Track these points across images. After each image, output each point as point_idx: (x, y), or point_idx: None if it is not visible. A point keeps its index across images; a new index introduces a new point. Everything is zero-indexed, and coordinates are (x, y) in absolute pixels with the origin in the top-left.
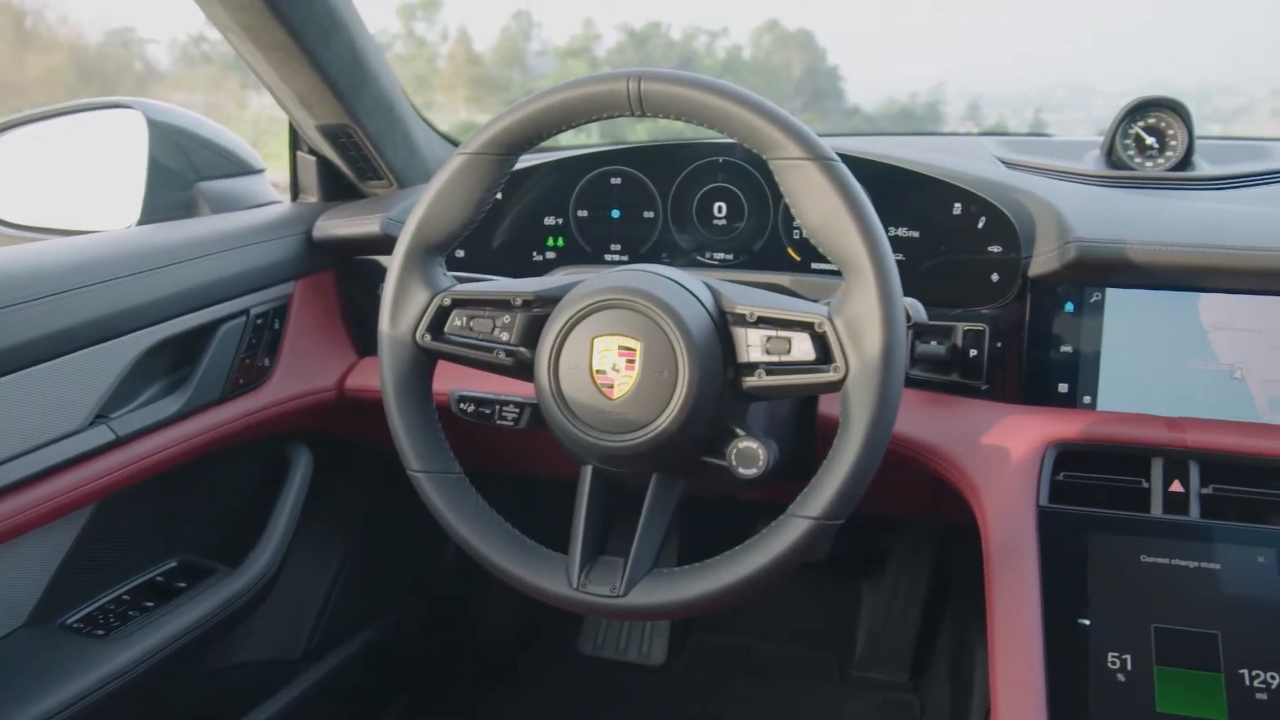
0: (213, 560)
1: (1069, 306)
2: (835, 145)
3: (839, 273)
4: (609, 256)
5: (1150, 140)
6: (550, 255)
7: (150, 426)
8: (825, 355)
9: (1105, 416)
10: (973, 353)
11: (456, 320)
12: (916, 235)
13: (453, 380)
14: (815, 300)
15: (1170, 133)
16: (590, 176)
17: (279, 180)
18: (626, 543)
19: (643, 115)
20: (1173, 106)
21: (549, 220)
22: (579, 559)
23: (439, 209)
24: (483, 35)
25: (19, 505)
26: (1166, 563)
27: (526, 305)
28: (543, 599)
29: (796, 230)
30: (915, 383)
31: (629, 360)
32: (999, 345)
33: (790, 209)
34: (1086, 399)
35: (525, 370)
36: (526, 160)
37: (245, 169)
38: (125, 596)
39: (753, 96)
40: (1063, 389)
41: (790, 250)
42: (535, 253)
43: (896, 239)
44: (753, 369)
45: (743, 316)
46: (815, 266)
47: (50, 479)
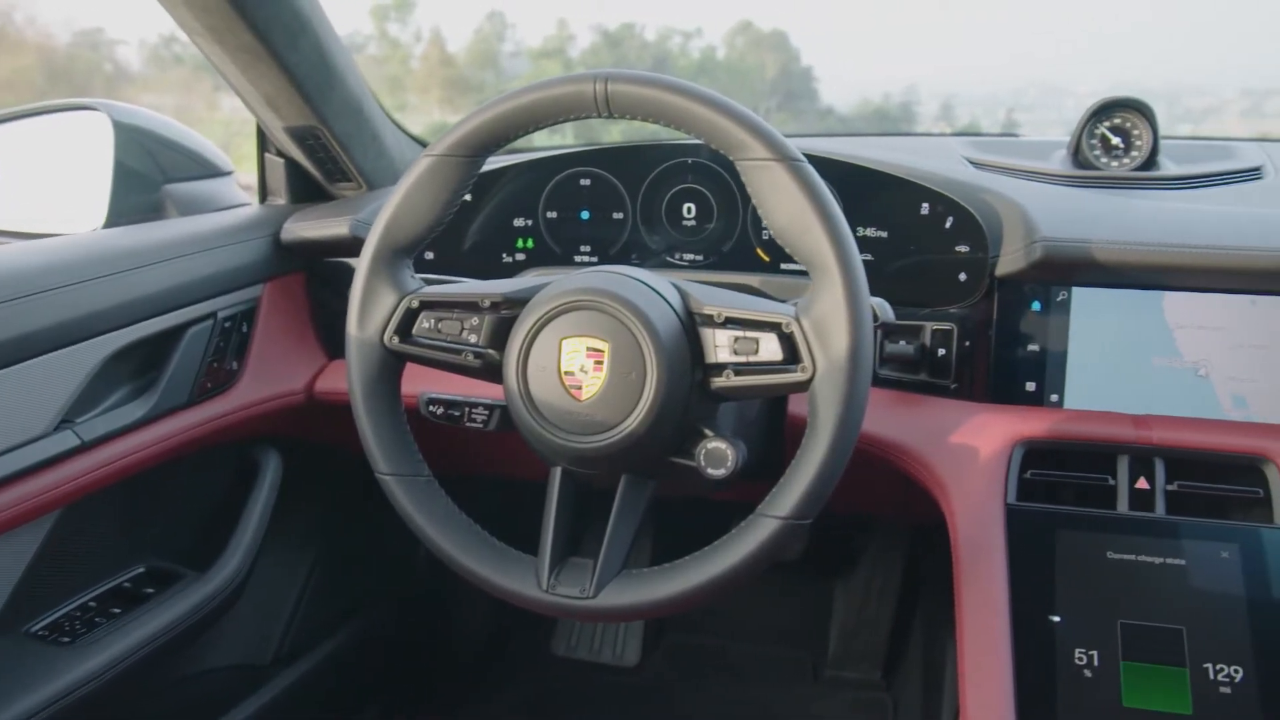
0: (181, 565)
1: (1036, 305)
2: (805, 146)
3: (807, 273)
4: (579, 258)
5: (1116, 140)
6: (520, 257)
7: (116, 431)
8: (793, 355)
9: (1072, 414)
10: (941, 352)
11: (425, 322)
12: (885, 235)
13: (422, 382)
14: (784, 301)
15: (1136, 133)
16: (559, 178)
17: (251, 182)
18: (598, 544)
19: (610, 116)
20: (1138, 107)
21: (518, 222)
22: (548, 561)
23: (406, 211)
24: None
25: None
26: (1133, 559)
27: (495, 307)
28: (512, 601)
29: (765, 231)
30: (884, 382)
31: (597, 362)
32: (967, 344)
33: (757, 209)
34: (1054, 397)
35: (494, 372)
36: (496, 162)
37: (213, 171)
38: (92, 603)
39: (719, 98)
40: (1030, 387)
41: (759, 251)
42: (505, 254)
43: (865, 239)
44: (721, 369)
45: (710, 317)
46: (784, 267)
47: (14, 485)
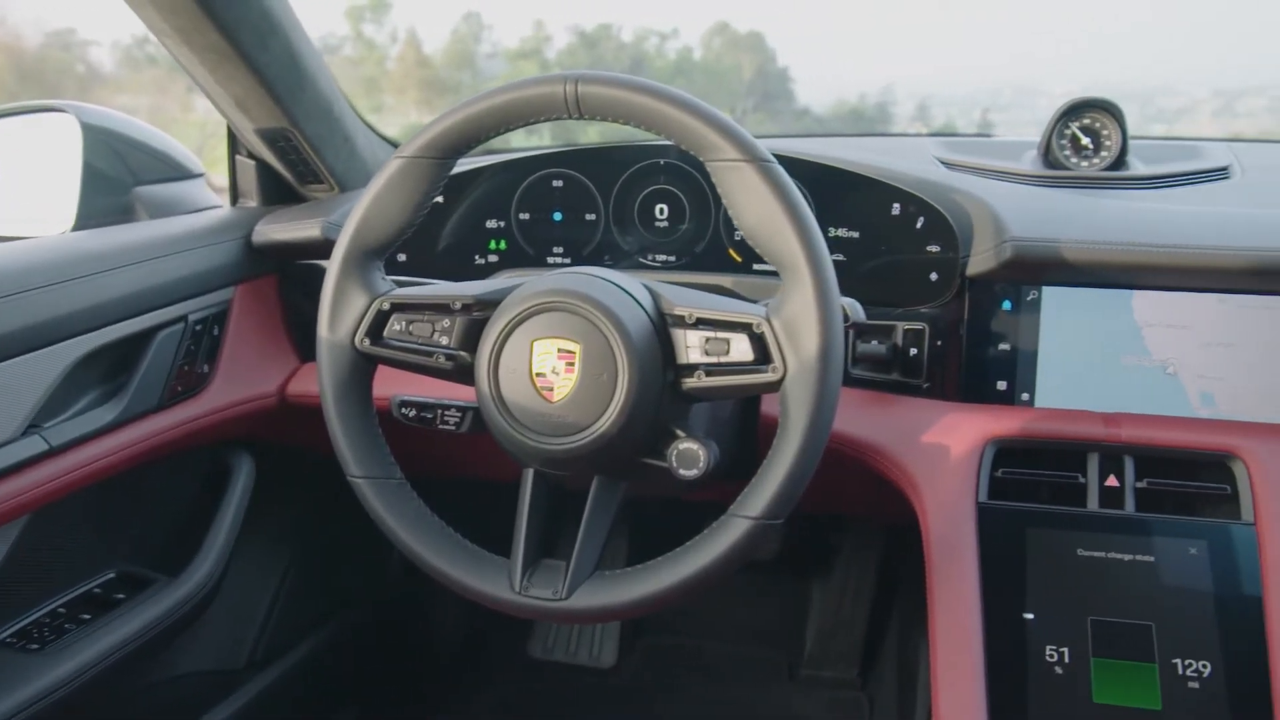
0: (153, 570)
1: (1006, 305)
2: (777, 146)
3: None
4: (551, 259)
5: (1086, 140)
6: (493, 258)
7: (85, 436)
8: (764, 356)
9: (1043, 413)
10: (913, 351)
11: (396, 324)
12: (856, 236)
13: (395, 385)
14: (756, 301)
15: (1105, 133)
16: (532, 179)
17: (225, 184)
18: (571, 546)
19: (580, 118)
20: (1107, 107)
21: (491, 223)
22: (521, 563)
23: (376, 213)
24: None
25: None
26: (1103, 556)
27: (466, 309)
28: (485, 603)
29: (737, 232)
30: (857, 382)
31: (568, 363)
32: (939, 344)
33: (728, 210)
34: (1025, 396)
35: (465, 374)
36: (468, 163)
37: (183, 173)
38: (61, 609)
39: (689, 99)
40: (1001, 386)
41: (731, 251)
42: (477, 256)
43: (836, 239)
44: (692, 370)
45: (681, 318)
46: (756, 268)
47: None
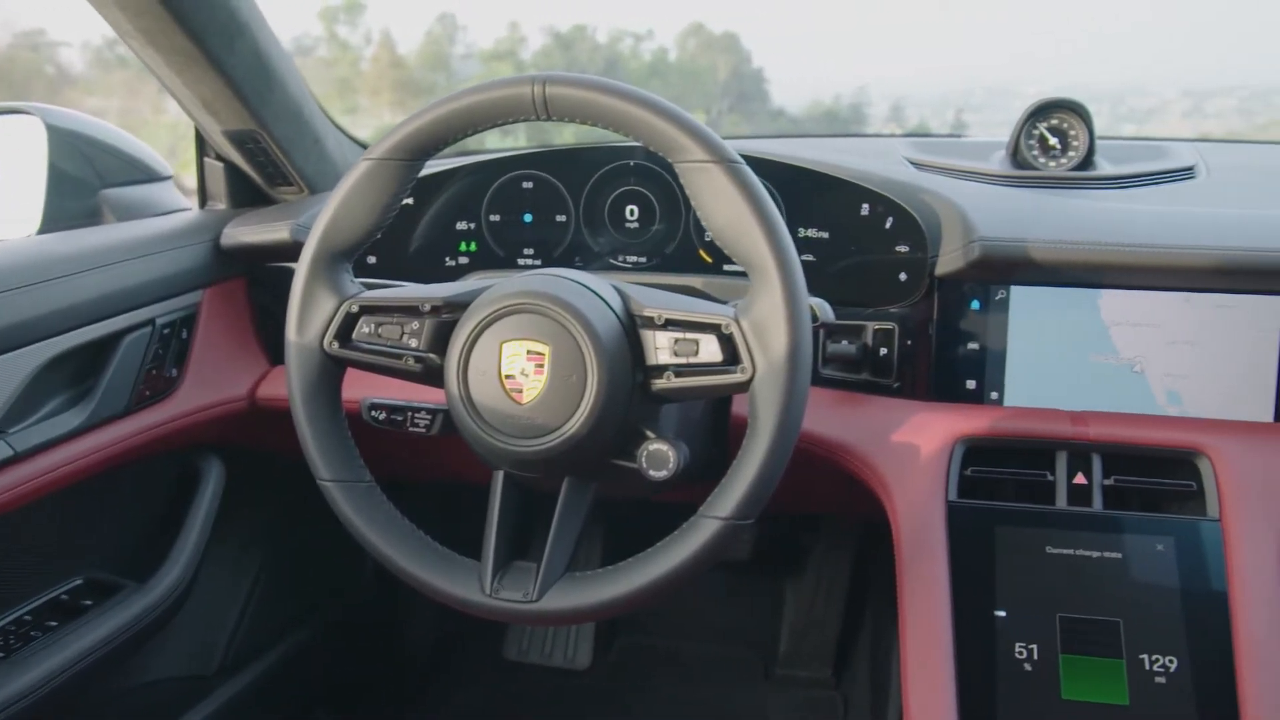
0: (121, 576)
1: (975, 304)
2: (747, 147)
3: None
4: (522, 261)
5: (1053, 141)
6: (463, 260)
7: (51, 441)
8: (732, 356)
9: (1012, 412)
10: (883, 351)
11: (365, 327)
12: (826, 236)
13: (365, 387)
14: (726, 302)
15: (1073, 133)
16: (502, 181)
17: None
18: (543, 547)
19: (548, 119)
20: (1074, 108)
21: (461, 225)
22: (491, 565)
23: (344, 215)
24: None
25: None
26: (1071, 553)
27: (435, 311)
28: (455, 606)
29: (708, 233)
30: (828, 382)
31: (538, 365)
32: (909, 343)
33: (696, 211)
34: (994, 395)
35: (435, 376)
36: (438, 165)
37: (151, 175)
38: (27, 617)
39: (657, 100)
40: (971, 385)
41: (702, 252)
42: (448, 258)
43: (806, 240)
44: (661, 371)
45: (651, 319)
46: (727, 268)
47: None
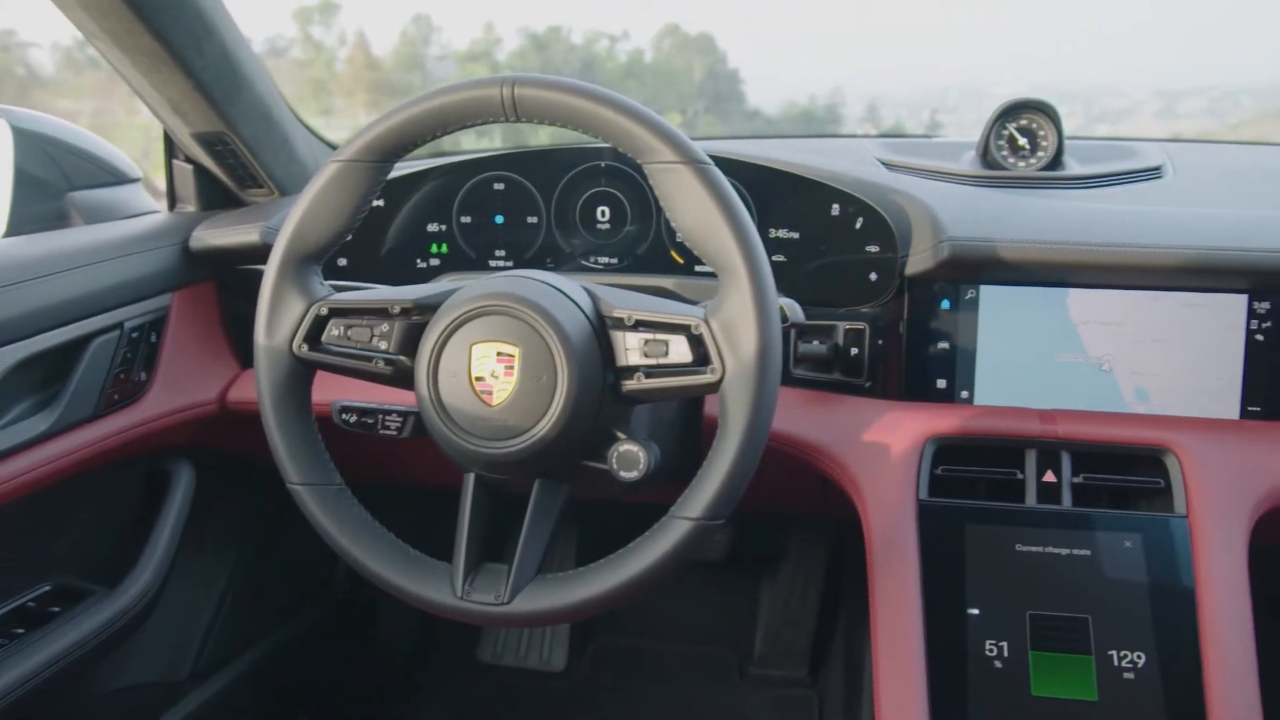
0: (90, 582)
1: (945, 304)
2: (719, 148)
3: None
4: (493, 262)
5: (1023, 141)
6: (434, 262)
7: (18, 446)
8: (702, 357)
9: (982, 411)
10: (854, 351)
11: (334, 330)
12: (796, 236)
13: (336, 390)
14: (697, 303)
15: (1041, 134)
16: (473, 182)
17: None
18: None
19: (517, 120)
20: (1042, 108)
21: (432, 227)
22: (463, 567)
23: (313, 217)
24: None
25: None
26: (1040, 551)
27: (405, 313)
28: (427, 609)
29: (679, 234)
30: (799, 382)
31: (508, 367)
32: (880, 343)
33: (665, 212)
34: (964, 394)
35: (405, 379)
36: (409, 166)
37: (120, 178)
38: None
39: (626, 101)
40: (941, 384)
41: (674, 253)
42: (419, 259)
43: (777, 240)
44: (632, 372)
45: (621, 320)
46: (698, 269)
47: None
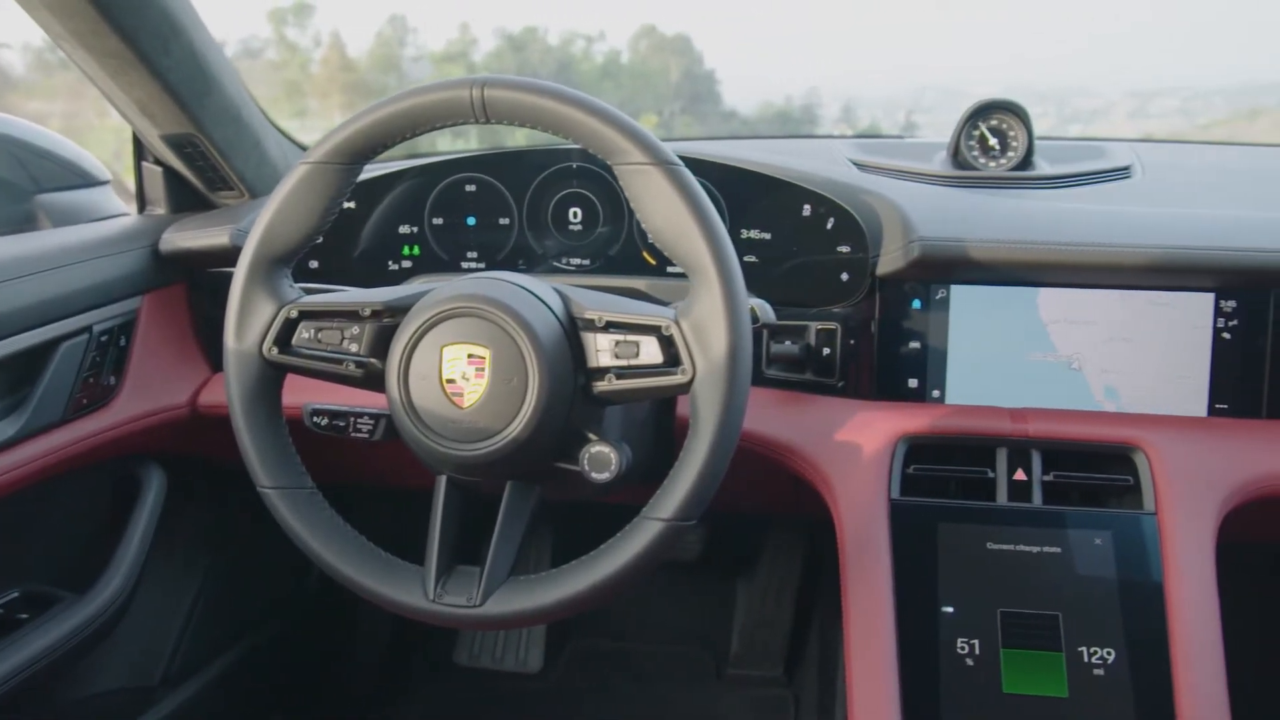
0: (59, 588)
1: (916, 304)
2: (691, 149)
3: None
4: (466, 264)
5: (993, 141)
6: (406, 264)
7: None
8: (673, 358)
9: (953, 410)
10: (826, 351)
11: (304, 332)
12: (768, 237)
13: (308, 393)
14: (669, 304)
15: (1012, 134)
16: (445, 184)
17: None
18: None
19: (487, 122)
20: (1013, 109)
21: (404, 229)
22: (434, 570)
23: (282, 220)
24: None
25: None
26: (1011, 549)
27: (375, 315)
28: (399, 612)
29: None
30: (772, 382)
31: (478, 369)
32: (852, 343)
33: (635, 213)
34: (936, 393)
35: (376, 381)
36: (381, 168)
37: (88, 180)
38: None
39: (596, 103)
40: (913, 384)
41: (646, 254)
42: (391, 262)
43: (748, 240)
44: (603, 374)
45: (592, 321)
46: (670, 270)
47: None
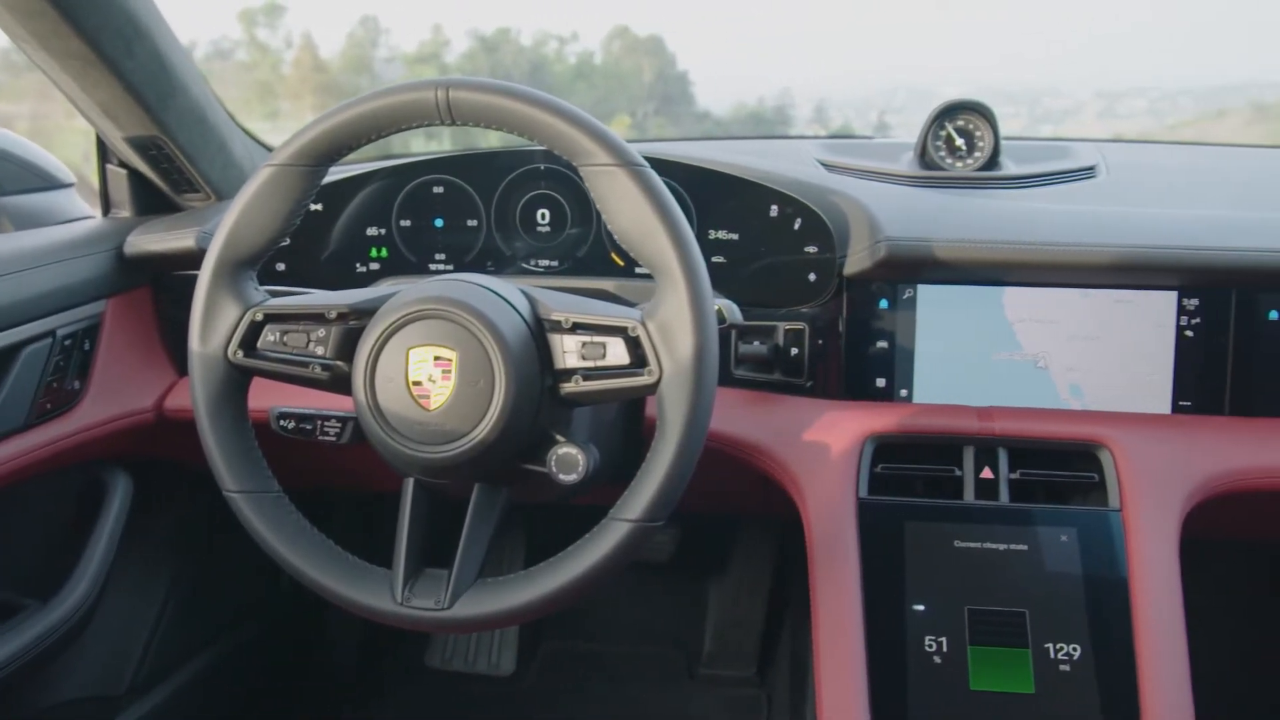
0: (23, 595)
1: (884, 303)
2: (660, 150)
3: None
4: (434, 266)
5: (960, 141)
6: (374, 266)
7: None
8: (640, 359)
9: (920, 409)
10: (794, 351)
11: (270, 335)
12: (735, 238)
13: (276, 397)
14: (637, 305)
15: (978, 134)
16: (412, 185)
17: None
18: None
19: (452, 124)
20: (979, 109)
21: (371, 231)
22: (402, 573)
23: (247, 222)
24: (329, 41)
25: None
26: (978, 546)
27: (342, 318)
28: (367, 616)
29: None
30: (740, 382)
31: (445, 371)
32: (820, 343)
33: (602, 215)
34: (903, 392)
35: (343, 384)
36: (348, 170)
37: (51, 183)
38: None
39: (562, 104)
40: (881, 383)
41: (614, 256)
42: (359, 264)
43: (716, 241)
44: (570, 375)
45: (558, 323)
46: (639, 271)
47: None
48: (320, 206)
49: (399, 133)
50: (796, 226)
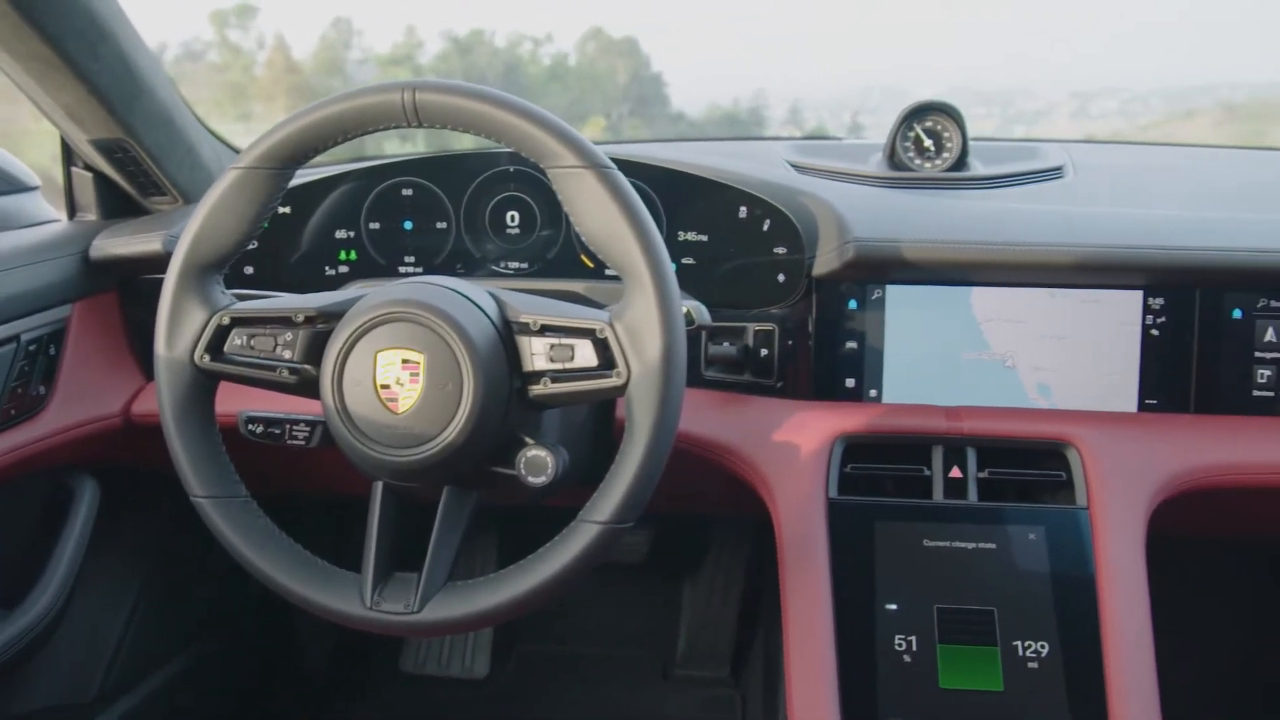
0: None
1: (852, 304)
2: (629, 152)
3: None
4: (403, 268)
5: (928, 142)
6: (343, 269)
7: None
8: (608, 361)
9: (889, 409)
10: (764, 352)
11: (237, 339)
12: (705, 239)
13: (244, 401)
14: (605, 307)
15: (946, 135)
16: (381, 188)
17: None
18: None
19: (419, 126)
20: (947, 110)
21: (340, 233)
22: (371, 577)
23: (213, 226)
24: (301, 43)
25: None
26: (947, 545)
27: (309, 321)
28: (336, 620)
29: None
30: (710, 383)
31: (413, 374)
32: (789, 344)
33: (569, 216)
34: (873, 392)
35: (310, 388)
36: (316, 173)
37: (15, 186)
38: None
39: (529, 106)
40: (850, 383)
41: (584, 258)
42: (328, 267)
43: (685, 243)
44: (538, 377)
45: (526, 325)
46: (609, 273)
47: None
48: (288, 209)
49: (366, 135)
50: (765, 228)
